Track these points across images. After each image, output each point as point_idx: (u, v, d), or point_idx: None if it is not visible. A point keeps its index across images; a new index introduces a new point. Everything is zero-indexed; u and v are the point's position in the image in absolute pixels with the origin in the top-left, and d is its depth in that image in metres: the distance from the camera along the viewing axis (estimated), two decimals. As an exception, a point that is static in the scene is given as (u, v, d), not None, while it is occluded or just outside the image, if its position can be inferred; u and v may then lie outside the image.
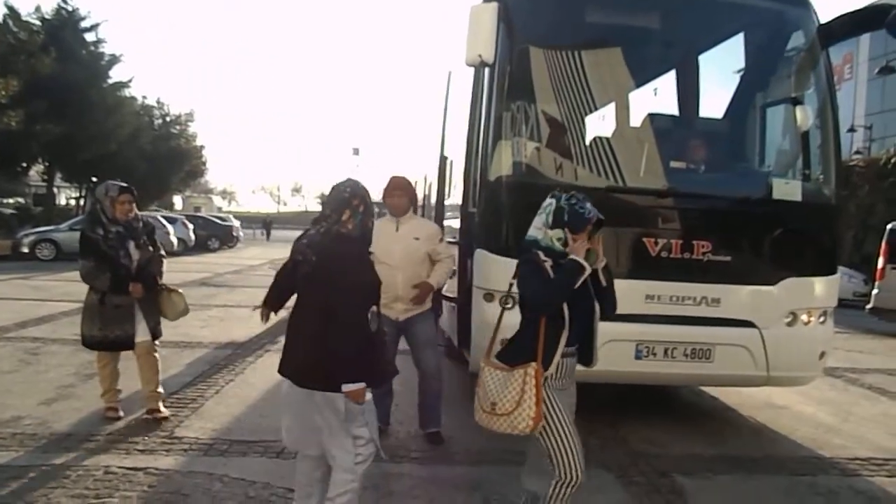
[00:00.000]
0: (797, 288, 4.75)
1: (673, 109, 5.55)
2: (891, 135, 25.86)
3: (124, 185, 4.68)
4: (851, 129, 26.86)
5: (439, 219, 5.90)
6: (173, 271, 16.60)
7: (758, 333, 4.65)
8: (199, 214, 33.51)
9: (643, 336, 4.56)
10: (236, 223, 30.77)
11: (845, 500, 4.04)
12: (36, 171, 34.72)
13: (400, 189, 4.45)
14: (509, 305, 4.46)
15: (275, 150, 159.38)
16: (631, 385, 5.31)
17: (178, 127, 42.51)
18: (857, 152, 24.91)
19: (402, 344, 4.52)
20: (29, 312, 9.44)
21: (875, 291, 11.26)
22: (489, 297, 4.47)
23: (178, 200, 54.65)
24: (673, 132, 5.34)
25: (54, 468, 3.85)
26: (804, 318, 4.78)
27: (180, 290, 4.96)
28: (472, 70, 4.75)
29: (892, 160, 18.20)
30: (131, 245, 4.63)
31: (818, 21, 4.95)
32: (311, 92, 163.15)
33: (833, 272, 5.00)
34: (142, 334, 4.70)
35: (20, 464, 3.91)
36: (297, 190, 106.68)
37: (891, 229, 11.03)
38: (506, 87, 4.58)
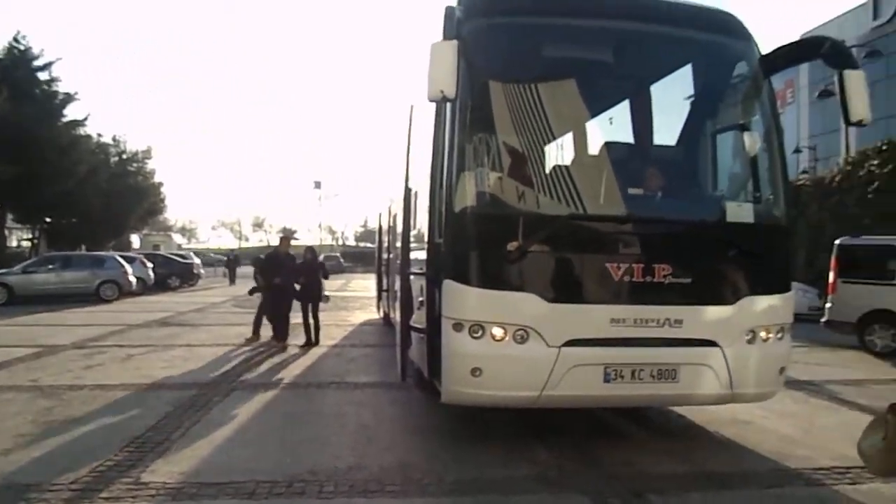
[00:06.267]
0: (754, 306, 4.92)
1: (628, 138, 5.73)
2: (834, 154, 27.00)
3: None
4: (797, 150, 28.10)
5: (405, 249, 5.93)
6: (133, 311, 16.30)
7: (720, 352, 4.78)
8: (158, 252, 32.82)
9: (611, 359, 4.65)
10: (197, 260, 30.26)
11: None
12: (-14, 213, 33.68)
13: None
14: (478, 334, 4.50)
15: (235, 185, 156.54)
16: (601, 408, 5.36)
17: (135, 164, 41.88)
18: (804, 171, 25.93)
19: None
20: (-19, 360, 9.06)
21: (828, 305, 11.66)
22: (458, 326, 4.50)
23: (135, 239, 53.30)
24: (630, 160, 5.51)
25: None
26: (763, 335, 4.94)
27: None
28: (434, 104, 4.85)
29: (837, 178, 18.99)
30: None
31: (760, 52, 5.23)
32: (270, 125, 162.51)
33: (787, 289, 5.19)
34: None
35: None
36: (258, 224, 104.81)
37: (839, 245, 11.48)
38: (468, 120, 4.69)
